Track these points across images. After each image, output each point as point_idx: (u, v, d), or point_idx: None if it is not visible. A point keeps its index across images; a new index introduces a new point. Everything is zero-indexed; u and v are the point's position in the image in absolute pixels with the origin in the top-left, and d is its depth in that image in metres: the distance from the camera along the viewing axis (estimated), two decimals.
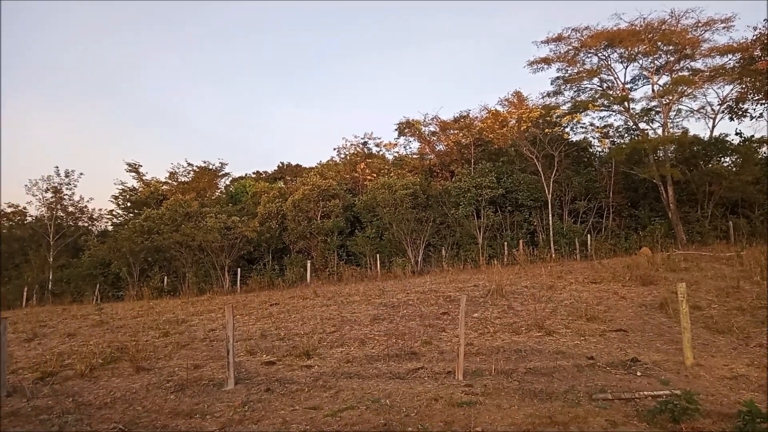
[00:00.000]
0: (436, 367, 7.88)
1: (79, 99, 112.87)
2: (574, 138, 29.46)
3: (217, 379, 8.05)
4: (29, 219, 35.16)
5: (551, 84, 30.42)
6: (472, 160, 30.11)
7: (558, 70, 29.66)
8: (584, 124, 29.79)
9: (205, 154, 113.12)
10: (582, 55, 28.72)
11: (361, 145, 38.47)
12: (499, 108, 34.21)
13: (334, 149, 39.67)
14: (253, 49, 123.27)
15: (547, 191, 26.31)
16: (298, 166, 47.51)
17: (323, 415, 5.92)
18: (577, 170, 28.36)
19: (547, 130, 27.38)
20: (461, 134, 32.02)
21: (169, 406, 6.83)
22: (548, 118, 28.47)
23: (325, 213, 29.20)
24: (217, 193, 43.18)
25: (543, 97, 31.19)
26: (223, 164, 44.80)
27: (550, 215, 26.15)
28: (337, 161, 38.75)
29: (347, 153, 38.64)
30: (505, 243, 24.78)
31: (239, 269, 26.03)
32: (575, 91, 30.01)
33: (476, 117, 33.50)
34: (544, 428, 5.18)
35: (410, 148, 37.61)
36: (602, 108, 28.71)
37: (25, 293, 26.94)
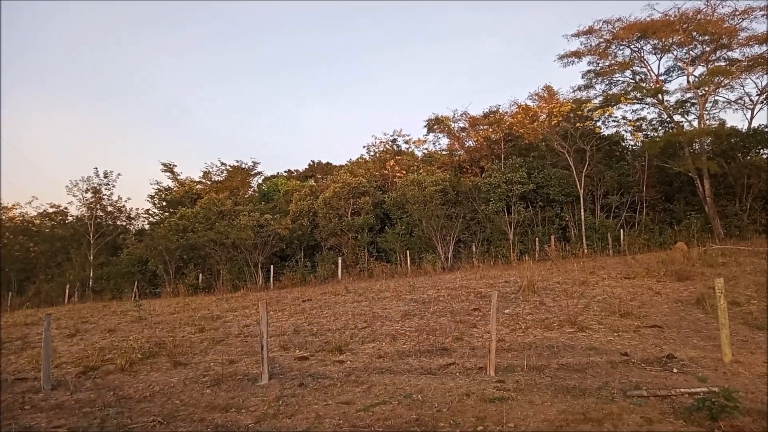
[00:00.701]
0: (468, 363, 7.89)
1: (117, 103, 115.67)
2: (606, 132, 28.89)
3: (251, 374, 8.22)
4: (70, 219, 36.17)
5: (582, 77, 29.90)
6: (502, 156, 29.82)
7: (589, 63, 29.14)
8: (616, 117, 29.18)
9: (237, 154, 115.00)
10: (614, 47, 28.13)
11: (390, 143, 38.45)
12: (529, 103, 33.78)
13: (364, 147, 39.79)
14: (283, 48, 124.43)
15: (578, 186, 25.91)
16: (328, 164, 47.85)
17: (356, 409, 6.00)
18: (609, 164, 27.81)
19: (578, 125, 26.93)
20: (491, 130, 31.74)
21: (206, 400, 7.01)
22: (579, 112, 27.98)
23: (356, 210, 29.35)
24: (249, 192, 43.75)
25: (574, 91, 30.69)
26: (255, 163, 45.39)
27: (582, 210, 25.75)
28: (367, 159, 38.79)
29: (377, 150, 38.67)
30: (537, 239, 24.52)
31: (272, 266, 26.38)
32: (607, 85, 29.43)
33: (506, 112, 33.16)
34: (577, 425, 5.15)
35: (439, 144, 37.46)
36: (635, 101, 28.08)
37: (67, 290, 27.75)
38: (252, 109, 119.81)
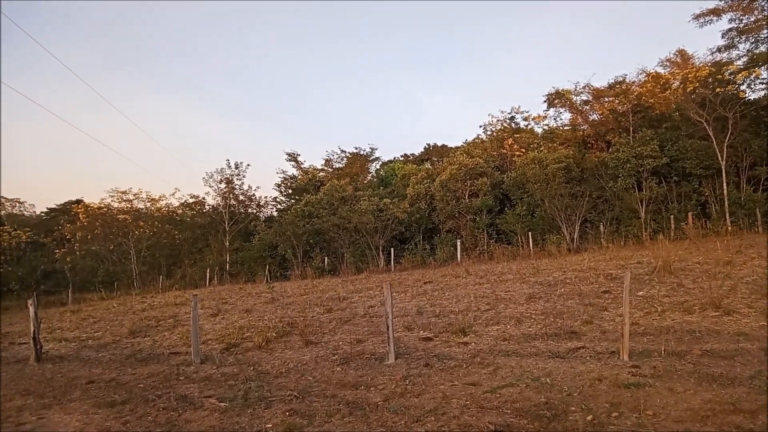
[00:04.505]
0: (598, 347, 7.55)
1: (248, 98, 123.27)
2: (752, 96, 25.85)
3: (378, 353, 8.47)
4: (207, 208, 39.21)
5: (722, 37, 26.97)
6: (631, 129, 27.87)
7: (730, 21, 26.18)
8: (765, 79, 26.08)
9: (356, 141, 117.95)
10: (760, 0, 25.14)
11: (508, 120, 37.31)
12: (660, 70, 31.22)
13: (480, 126, 38.92)
14: (396, 34, 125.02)
15: (720, 158, 23.59)
16: (444, 146, 47.70)
17: (482, 391, 5.98)
18: (756, 132, 24.93)
19: (718, 90, 24.39)
20: (617, 101, 29.72)
21: (336, 377, 7.34)
22: (719, 76, 25.29)
23: (473, 192, 29.00)
24: (368, 177, 44.85)
25: (712, 53, 27.82)
26: (372, 149, 46.44)
27: (725, 184, 23.43)
28: (484, 138, 38.05)
29: (494, 129, 37.76)
30: (672, 216, 22.73)
31: (392, 249, 26.92)
32: (752, 43, 26.23)
33: (634, 81, 30.82)
34: (726, 416, 4.74)
35: (561, 119, 35.64)
36: None
37: (207, 274, 30.22)
38: (368, 96, 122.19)
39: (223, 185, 36.77)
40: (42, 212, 53.25)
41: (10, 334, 15.65)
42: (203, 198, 39.70)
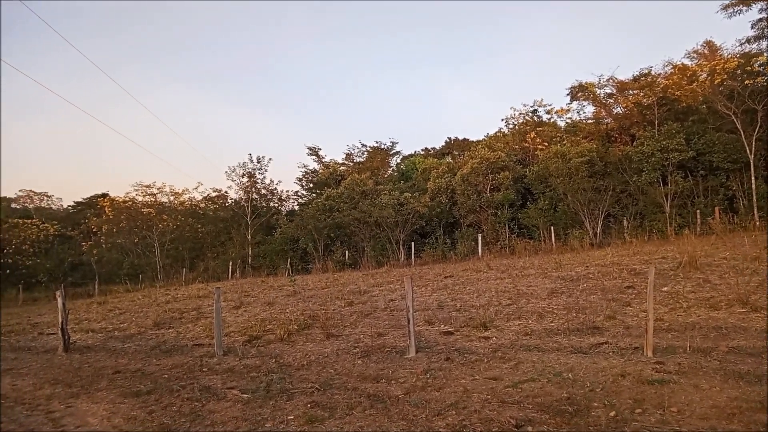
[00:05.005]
0: (621, 343, 7.47)
1: (271, 92, 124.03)
2: None
3: (398, 346, 8.49)
4: (230, 202, 39.56)
5: (752, 28, 26.17)
6: (656, 122, 27.41)
7: (760, 10, 25.41)
8: None
9: (376, 135, 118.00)
10: None
11: (530, 114, 36.92)
12: (686, 62, 30.53)
13: (502, 120, 38.62)
14: (416, 28, 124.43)
15: (748, 151, 23.07)
16: (465, 140, 47.38)
17: (504, 386, 5.96)
18: None
19: (747, 82, 23.81)
20: (642, 94, 29.19)
21: (357, 370, 7.38)
22: (748, 68, 24.70)
23: (495, 186, 28.82)
24: (389, 171, 44.78)
25: (741, 45, 27.08)
26: (393, 143, 46.34)
27: (753, 178, 22.92)
28: (506, 132, 37.70)
29: (516, 123, 37.39)
30: (698, 211, 22.32)
31: (413, 243, 26.92)
32: None
33: (659, 74, 30.22)
34: (753, 414, 4.65)
35: (584, 113, 35.09)
36: None
37: (230, 267, 30.55)
38: (389, 90, 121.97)
39: (245, 179, 37.08)
40: (69, 206, 54.28)
41: (39, 325, 16.04)
42: (226, 192, 40.17)
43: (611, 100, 32.70)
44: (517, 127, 36.92)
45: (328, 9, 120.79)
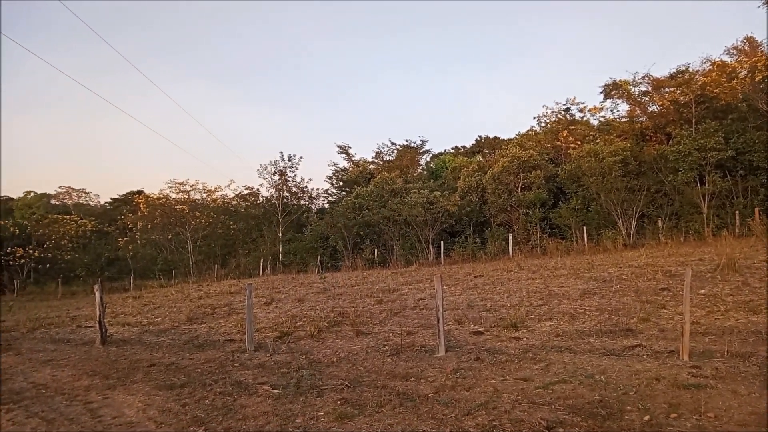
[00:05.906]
0: (656, 346, 7.31)
1: (301, 90, 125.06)
2: None
3: (428, 345, 8.47)
4: (261, 199, 40.05)
5: None
6: (693, 120, 26.71)
7: None
8: None
9: (406, 133, 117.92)
10: None
11: (563, 112, 36.46)
12: (725, 58, 29.70)
13: (534, 118, 38.10)
14: (447, 26, 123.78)
15: None
16: (496, 138, 47.00)
17: (534, 387, 5.90)
18: None
19: None
20: (679, 92, 28.50)
21: (387, 368, 7.39)
22: None
23: (526, 185, 28.51)
24: (419, 170, 44.76)
25: None
26: (423, 141, 46.32)
27: None
28: (538, 130, 37.29)
29: (548, 121, 36.96)
30: (737, 212, 21.69)
31: (442, 242, 26.80)
32: None
33: (697, 71, 29.47)
34: None
35: (618, 111, 34.50)
36: None
37: (261, 264, 30.92)
38: (419, 88, 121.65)
39: (276, 177, 37.47)
40: (106, 202, 55.77)
41: (78, 318, 16.50)
42: (257, 189, 40.68)
43: (646, 98, 32.07)
44: (549, 125, 36.50)
45: (361, 8, 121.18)
